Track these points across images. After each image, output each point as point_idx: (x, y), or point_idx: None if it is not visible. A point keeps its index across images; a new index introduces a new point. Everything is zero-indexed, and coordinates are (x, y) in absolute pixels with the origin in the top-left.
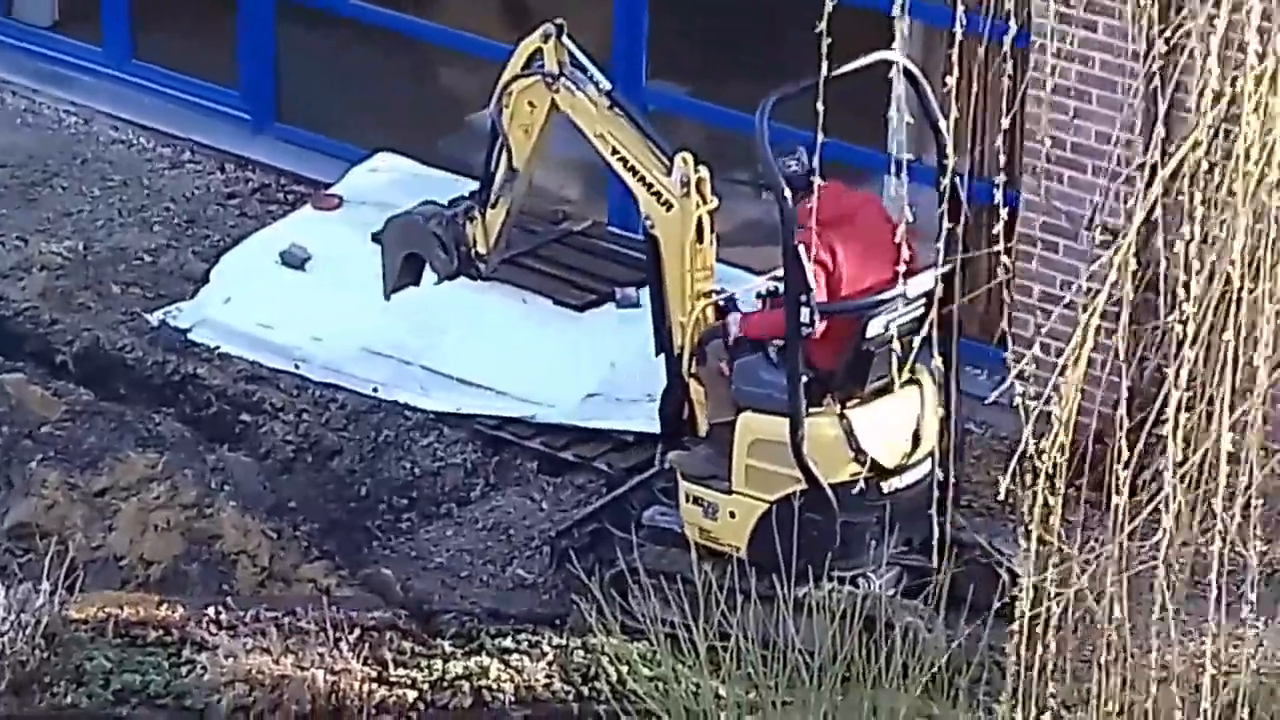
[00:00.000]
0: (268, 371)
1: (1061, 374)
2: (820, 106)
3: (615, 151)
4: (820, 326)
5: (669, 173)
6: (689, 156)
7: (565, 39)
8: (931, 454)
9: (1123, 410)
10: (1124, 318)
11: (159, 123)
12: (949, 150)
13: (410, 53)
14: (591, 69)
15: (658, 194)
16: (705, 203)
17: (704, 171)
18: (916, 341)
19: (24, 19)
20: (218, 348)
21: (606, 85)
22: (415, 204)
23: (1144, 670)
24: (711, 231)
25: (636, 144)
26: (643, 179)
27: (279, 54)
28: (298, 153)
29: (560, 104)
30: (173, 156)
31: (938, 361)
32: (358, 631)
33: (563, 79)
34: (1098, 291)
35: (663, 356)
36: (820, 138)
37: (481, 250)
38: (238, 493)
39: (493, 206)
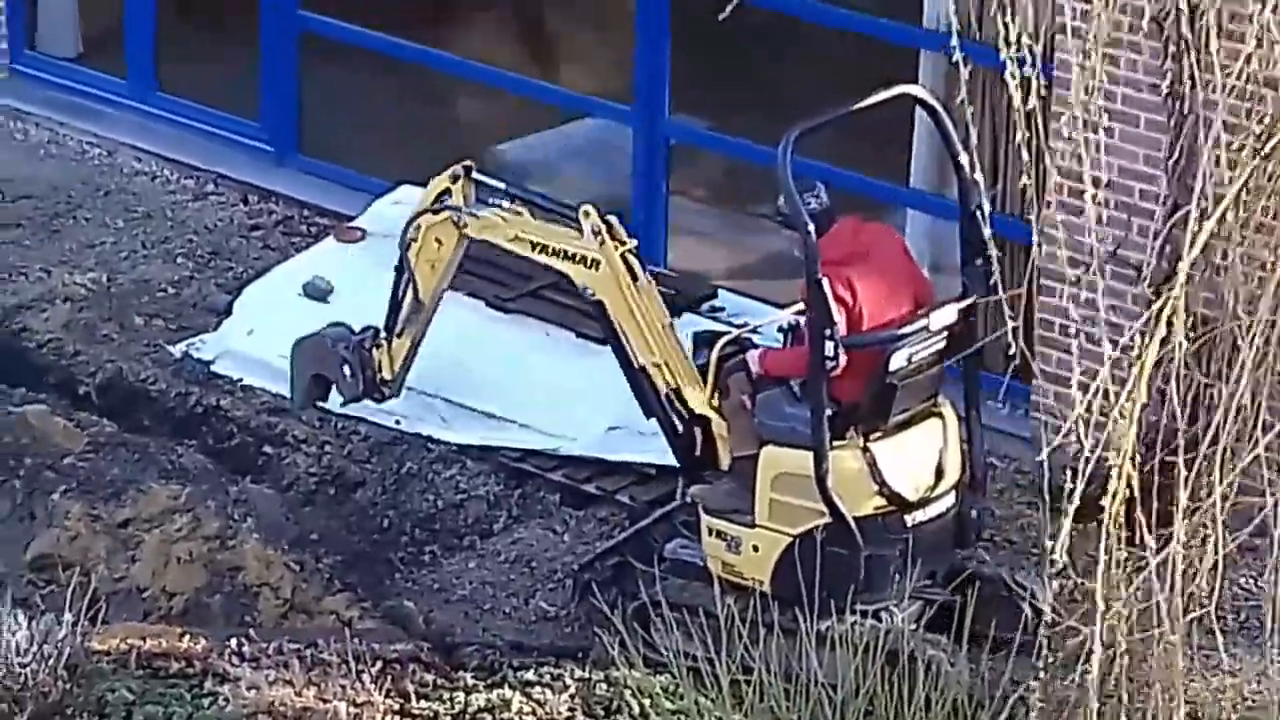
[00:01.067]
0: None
1: (1105, 415)
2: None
3: (533, 246)
4: (843, 361)
5: (583, 234)
6: (590, 209)
7: (474, 175)
8: (955, 487)
9: (1180, 455)
10: (1177, 362)
11: (182, 155)
12: (970, 184)
13: (432, 85)
14: (490, 182)
15: (582, 259)
16: (622, 244)
17: (611, 218)
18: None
19: (48, 51)
20: (240, 379)
21: (502, 187)
22: (325, 325)
23: (1174, 705)
24: (643, 269)
25: (546, 229)
26: (565, 255)
27: (301, 86)
28: (320, 185)
29: (472, 234)
30: (196, 188)
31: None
32: (380, 664)
33: (464, 213)
34: (1140, 333)
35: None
36: None
37: (386, 376)
38: (260, 525)
39: (399, 336)
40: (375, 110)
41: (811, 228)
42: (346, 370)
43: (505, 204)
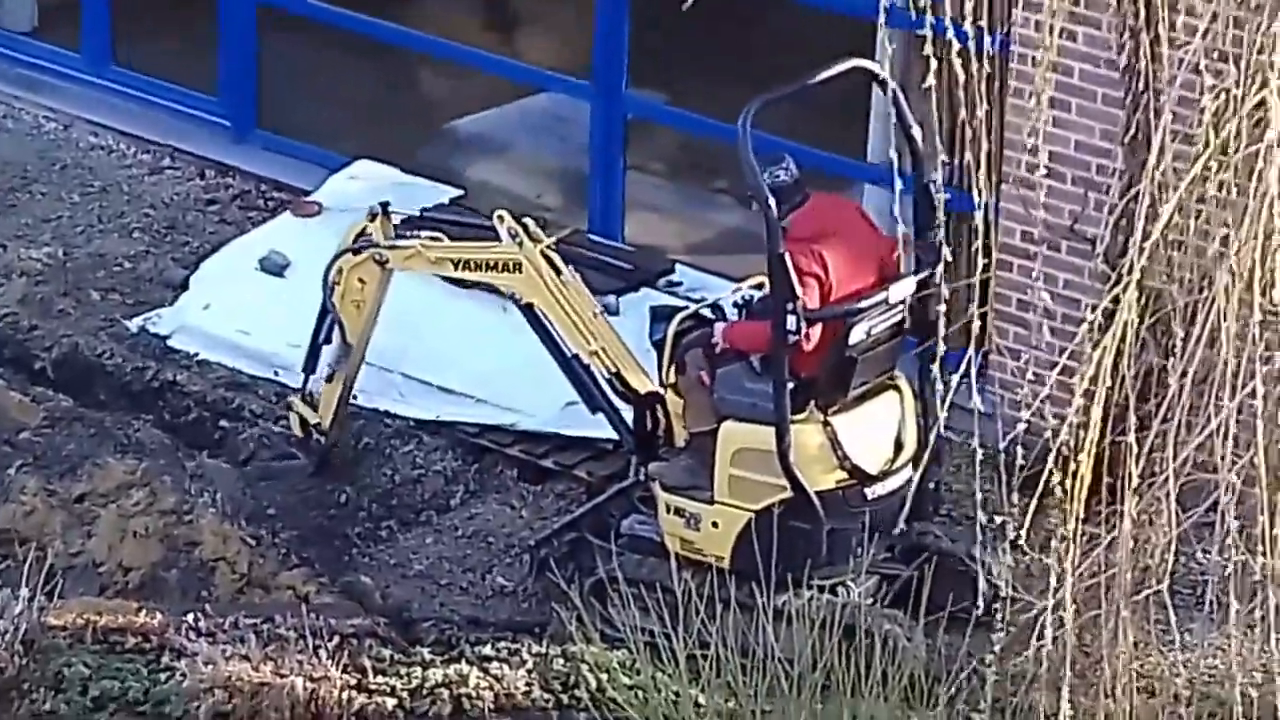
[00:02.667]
0: (247, 378)
1: (1063, 390)
2: None
3: (455, 264)
4: (815, 335)
5: (501, 240)
6: (504, 213)
7: (390, 213)
8: (912, 460)
9: (1132, 432)
10: (1130, 339)
11: (139, 129)
12: (923, 158)
13: (390, 60)
14: (408, 214)
15: (504, 266)
16: (540, 242)
17: (526, 220)
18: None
19: (3, 25)
20: (197, 354)
21: (414, 212)
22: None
23: (1127, 680)
24: (567, 264)
25: (464, 246)
26: (489, 265)
27: (259, 60)
28: (277, 159)
29: (395, 266)
30: (152, 163)
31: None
32: (337, 639)
33: (384, 247)
34: (1098, 309)
35: (605, 412)
36: None
37: (316, 423)
38: (217, 499)
39: (328, 381)
40: (333, 85)
41: (772, 201)
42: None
43: (423, 233)
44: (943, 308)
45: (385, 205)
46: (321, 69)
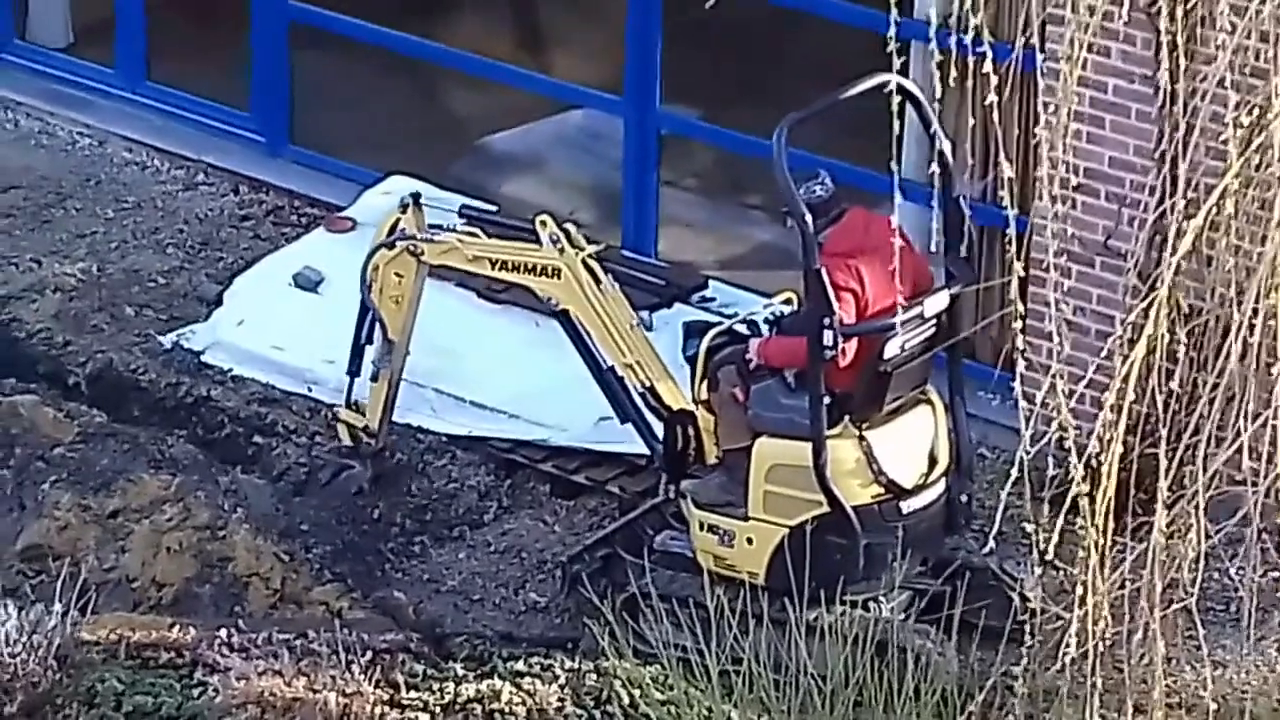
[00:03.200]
0: (280, 394)
1: (1094, 405)
2: None
3: (493, 264)
4: (851, 350)
5: (541, 244)
6: (546, 218)
7: (423, 204)
8: (946, 474)
9: (1163, 445)
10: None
11: (173, 144)
12: (953, 172)
13: (422, 76)
14: (441, 206)
15: (544, 270)
16: (581, 249)
17: (568, 225)
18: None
19: (39, 41)
20: (230, 370)
21: (454, 209)
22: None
23: (1158, 695)
24: (606, 273)
25: (504, 245)
26: (526, 268)
27: (292, 76)
28: (311, 175)
29: (431, 260)
30: (186, 178)
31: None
32: (370, 654)
33: (420, 240)
34: (1126, 322)
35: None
36: None
37: (365, 425)
38: (250, 515)
39: (374, 380)
40: (366, 100)
41: (809, 217)
42: (338, 470)
43: (459, 226)
44: (1019, 324)
45: (416, 195)
46: (354, 85)
